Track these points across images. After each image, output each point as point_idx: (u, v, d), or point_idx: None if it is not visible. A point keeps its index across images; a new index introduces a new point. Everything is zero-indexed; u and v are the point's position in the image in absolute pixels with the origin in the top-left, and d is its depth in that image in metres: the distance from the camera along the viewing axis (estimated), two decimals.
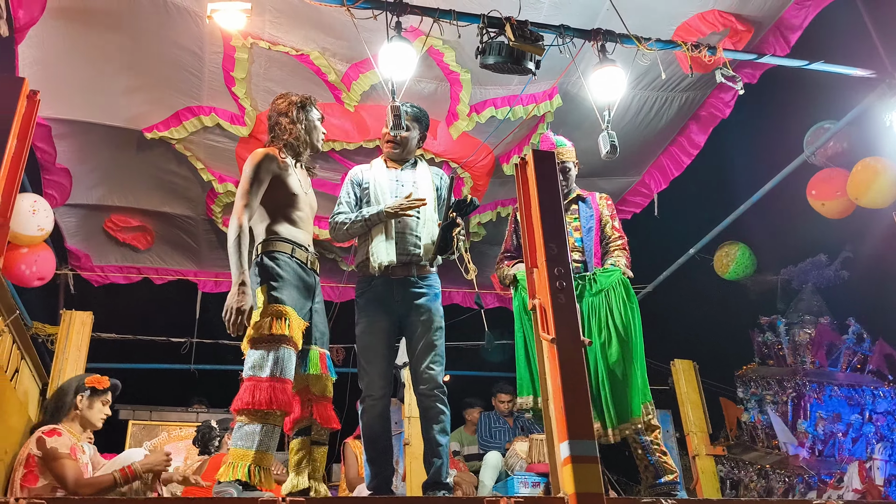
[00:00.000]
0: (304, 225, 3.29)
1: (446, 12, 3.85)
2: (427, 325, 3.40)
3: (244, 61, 4.65)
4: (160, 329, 7.31)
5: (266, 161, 3.22)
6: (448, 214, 3.36)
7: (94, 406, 3.66)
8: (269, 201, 3.23)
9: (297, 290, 3.10)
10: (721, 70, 4.17)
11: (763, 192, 5.80)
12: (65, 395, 3.65)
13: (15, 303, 3.46)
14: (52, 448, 3.33)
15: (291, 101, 3.39)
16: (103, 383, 3.72)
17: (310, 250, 3.27)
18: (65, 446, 3.37)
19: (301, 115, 3.36)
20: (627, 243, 3.85)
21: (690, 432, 5.49)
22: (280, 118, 3.35)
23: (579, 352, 2.61)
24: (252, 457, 2.78)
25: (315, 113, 3.46)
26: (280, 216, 3.22)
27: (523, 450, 5.03)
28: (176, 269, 6.97)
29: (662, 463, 3.49)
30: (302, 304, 3.11)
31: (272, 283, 3.04)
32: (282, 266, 3.09)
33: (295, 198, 3.26)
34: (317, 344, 3.21)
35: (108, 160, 5.49)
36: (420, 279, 3.45)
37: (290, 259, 3.14)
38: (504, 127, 5.30)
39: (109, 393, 3.75)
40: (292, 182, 3.27)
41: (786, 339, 6.64)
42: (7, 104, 2.49)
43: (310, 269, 3.23)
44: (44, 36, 4.25)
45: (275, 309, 2.98)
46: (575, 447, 2.41)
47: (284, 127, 3.33)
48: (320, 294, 3.36)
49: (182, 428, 6.50)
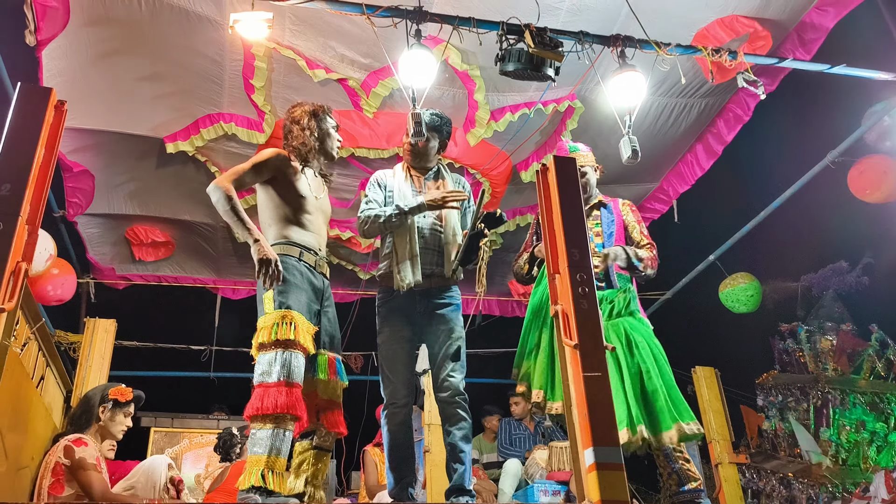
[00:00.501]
0: (315, 228, 3.32)
1: (466, 20, 3.86)
2: (448, 335, 3.41)
3: (263, 70, 4.69)
4: (180, 337, 7.36)
5: (274, 158, 3.30)
6: (476, 224, 3.36)
7: (115, 418, 3.69)
8: (277, 204, 3.27)
9: (305, 293, 3.12)
10: (743, 75, 4.14)
11: (784, 199, 5.75)
12: (90, 405, 3.67)
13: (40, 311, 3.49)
14: (80, 458, 3.35)
15: (304, 109, 3.46)
16: (126, 395, 3.73)
17: (319, 254, 3.29)
18: (91, 457, 3.39)
19: (312, 123, 3.42)
20: (656, 248, 3.82)
21: (713, 440, 5.44)
22: (292, 125, 3.43)
23: (602, 358, 2.60)
24: (264, 461, 2.80)
25: (329, 121, 3.51)
26: (289, 220, 3.26)
27: (543, 458, 5.01)
28: (195, 276, 7.04)
29: (686, 470, 3.45)
30: (310, 308, 3.12)
31: (279, 288, 3.05)
32: (289, 270, 3.10)
33: (303, 200, 3.29)
34: (325, 348, 3.22)
35: (129, 169, 5.55)
36: (442, 290, 3.48)
37: (298, 262, 3.16)
38: (521, 133, 5.30)
39: (132, 405, 3.77)
40: (301, 185, 3.31)
41: (807, 346, 6.56)
42: (35, 114, 2.52)
43: (318, 273, 3.25)
44: (67, 46, 4.30)
45: (282, 314, 3.00)
46: (600, 454, 2.39)
47: (295, 133, 3.40)
48: (330, 298, 3.37)
49: (203, 435, 6.54)
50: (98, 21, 4.23)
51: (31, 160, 2.44)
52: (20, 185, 2.39)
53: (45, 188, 2.52)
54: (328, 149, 3.49)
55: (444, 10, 4.02)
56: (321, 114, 3.48)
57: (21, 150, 2.44)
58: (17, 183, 2.39)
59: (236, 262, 6.91)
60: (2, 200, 2.35)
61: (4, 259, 2.26)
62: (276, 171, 3.29)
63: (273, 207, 3.28)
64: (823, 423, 6.16)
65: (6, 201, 2.35)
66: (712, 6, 4.39)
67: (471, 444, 3.37)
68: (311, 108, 3.46)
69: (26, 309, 3.15)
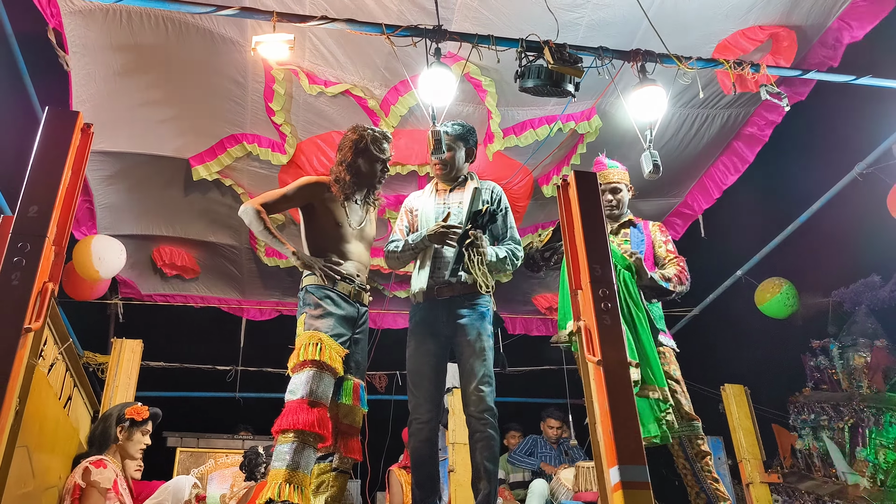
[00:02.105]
0: (353, 256, 3.35)
1: (485, 37, 3.88)
2: (472, 346, 3.35)
3: (282, 95, 4.77)
4: (206, 358, 7.42)
5: (308, 186, 3.34)
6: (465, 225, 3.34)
7: (133, 437, 3.67)
8: (313, 232, 3.34)
9: (336, 318, 3.16)
10: (766, 87, 4.09)
11: (811, 212, 5.67)
12: (107, 425, 3.69)
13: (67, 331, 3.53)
14: (94, 481, 3.36)
15: (349, 137, 3.43)
16: (143, 414, 3.72)
17: (356, 282, 3.31)
18: (108, 480, 3.39)
19: (349, 155, 3.39)
20: (684, 261, 3.78)
21: (743, 459, 5.33)
22: (337, 153, 3.45)
23: (626, 373, 2.56)
24: (283, 475, 2.82)
25: (374, 152, 3.43)
26: (326, 248, 3.31)
27: (569, 478, 4.93)
28: (220, 297, 7.12)
29: (714, 490, 3.39)
30: (341, 333, 3.16)
31: (311, 313, 3.16)
32: (322, 297, 3.19)
33: (339, 229, 3.33)
34: (352, 373, 3.26)
35: (155, 190, 5.66)
36: (466, 299, 3.42)
37: (332, 291, 3.22)
38: (543, 149, 5.30)
39: (150, 423, 3.76)
40: (338, 214, 3.34)
41: (840, 363, 6.41)
42: (62, 137, 2.57)
43: (354, 301, 3.28)
44: (95, 72, 4.42)
45: (310, 335, 3.08)
46: (625, 472, 2.34)
47: (335, 164, 3.43)
48: (364, 326, 3.39)
49: (228, 455, 6.56)
50: (125, 46, 4.34)
51: (58, 182, 2.48)
52: (47, 206, 2.42)
53: (72, 210, 2.56)
54: (370, 180, 3.47)
55: (462, 29, 4.05)
56: (366, 144, 3.41)
57: (48, 173, 2.48)
58: (44, 205, 2.42)
59: (261, 284, 6.98)
60: (29, 222, 2.38)
61: (32, 279, 2.29)
62: (310, 199, 3.34)
63: (310, 235, 3.36)
64: (860, 443, 6.00)
65: (34, 223, 2.39)
66: (732, 17, 4.37)
67: (498, 463, 3.31)
68: (356, 137, 3.41)
69: (54, 329, 3.18)
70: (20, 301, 2.25)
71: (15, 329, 2.21)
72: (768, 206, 6.94)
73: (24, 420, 2.26)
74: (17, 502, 2.79)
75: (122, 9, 4.06)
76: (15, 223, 2.37)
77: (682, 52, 4.11)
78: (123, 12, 4.10)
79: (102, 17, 4.11)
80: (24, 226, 2.36)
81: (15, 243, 2.32)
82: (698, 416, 3.58)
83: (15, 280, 2.27)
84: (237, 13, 3.66)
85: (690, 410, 3.59)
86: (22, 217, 2.38)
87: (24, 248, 2.32)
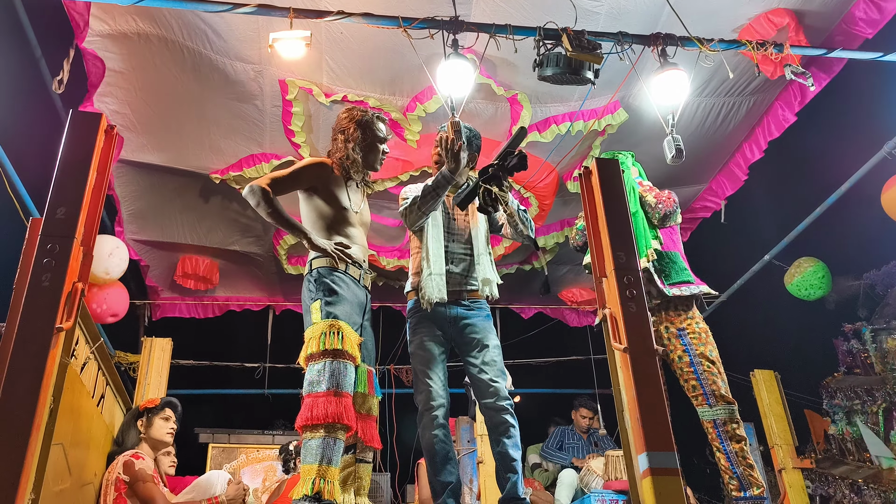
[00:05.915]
0: (359, 240, 3.28)
1: (502, 27, 3.85)
2: (480, 343, 3.35)
3: (300, 114, 4.84)
4: (235, 355, 7.52)
5: (313, 167, 3.26)
6: (491, 166, 3.22)
7: (154, 424, 3.83)
8: (320, 215, 3.24)
9: (351, 305, 3.09)
10: (791, 67, 4.02)
11: (840, 193, 5.56)
12: (129, 426, 3.84)
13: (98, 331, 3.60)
14: (139, 470, 3.46)
15: (352, 115, 3.36)
16: (154, 401, 3.94)
17: (363, 266, 3.25)
18: (149, 469, 3.49)
19: (357, 134, 3.31)
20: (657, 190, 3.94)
21: (775, 445, 5.27)
22: (337, 134, 3.35)
23: (653, 361, 2.55)
24: (316, 470, 2.77)
25: (378, 130, 3.38)
26: (335, 232, 3.22)
27: (599, 467, 4.91)
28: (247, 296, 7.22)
29: (748, 475, 3.36)
30: (355, 320, 3.09)
31: (327, 299, 3.04)
32: (336, 282, 3.08)
33: (346, 212, 3.27)
34: (365, 361, 3.19)
35: (180, 199, 5.75)
36: (471, 302, 3.44)
37: (344, 275, 3.13)
38: (565, 143, 5.25)
39: (166, 409, 3.90)
40: (343, 197, 3.28)
41: (872, 346, 6.31)
42: (87, 139, 2.61)
43: (362, 286, 3.23)
44: (123, 97, 4.59)
45: (329, 323, 2.97)
46: (654, 459, 2.33)
47: (338, 145, 3.32)
48: (370, 311, 3.33)
49: (259, 450, 6.64)
50: (147, 68, 4.48)
51: (84, 184, 2.52)
52: (74, 208, 2.47)
53: (98, 210, 2.61)
54: (372, 162, 3.38)
55: (480, 19, 4.03)
56: (369, 122, 3.35)
57: (74, 175, 2.52)
58: (71, 206, 2.47)
59: (286, 287, 7.07)
60: (57, 224, 2.43)
61: (62, 280, 2.34)
62: (316, 181, 3.24)
63: (316, 218, 3.24)
64: (894, 426, 5.90)
65: (62, 224, 2.43)
66: (757, 1, 4.29)
67: (520, 452, 3.30)
68: (359, 116, 3.34)
69: (85, 329, 3.24)
70: (51, 301, 2.29)
71: (47, 329, 2.25)
72: (796, 188, 6.84)
73: (59, 418, 2.30)
74: (54, 499, 2.85)
75: (144, 33, 4.20)
76: (44, 225, 2.41)
77: (706, 38, 4.05)
78: (144, 37, 4.24)
79: (128, 42, 4.24)
80: (52, 227, 2.41)
81: (44, 245, 2.37)
82: (735, 400, 3.54)
83: (45, 281, 2.32)
84: (254, 10, 3.66)
85: (727, 393, 3.55)
86: (50, 219, 2.42)
87: (54, 250, 2.37)
